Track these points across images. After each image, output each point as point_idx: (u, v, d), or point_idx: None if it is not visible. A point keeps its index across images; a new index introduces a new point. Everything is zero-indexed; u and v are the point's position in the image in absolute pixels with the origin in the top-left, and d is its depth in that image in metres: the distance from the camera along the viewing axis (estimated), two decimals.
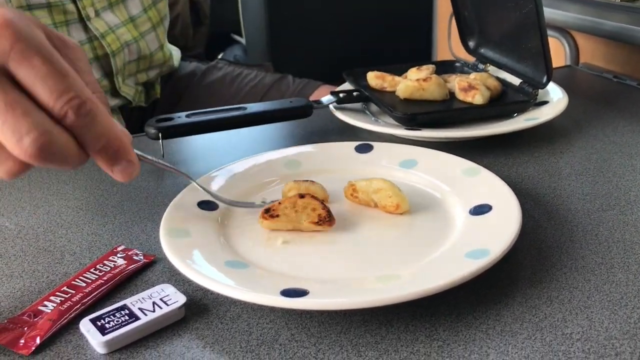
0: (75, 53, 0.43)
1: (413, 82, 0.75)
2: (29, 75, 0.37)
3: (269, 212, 0.49)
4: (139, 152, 0.46)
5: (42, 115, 0.37)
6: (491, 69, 0.83)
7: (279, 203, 0.49)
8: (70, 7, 0.86)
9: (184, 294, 0.44)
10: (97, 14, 0.90)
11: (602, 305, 0.43)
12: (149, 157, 0.48)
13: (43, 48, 0.38)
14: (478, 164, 0.58)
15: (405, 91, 0.75)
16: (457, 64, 0.88)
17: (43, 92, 0.37)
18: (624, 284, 0.45)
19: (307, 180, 0.55)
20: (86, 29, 0.89)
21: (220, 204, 0.54)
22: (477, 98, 0.72)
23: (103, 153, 0.41)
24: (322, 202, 0.51)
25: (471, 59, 0.87)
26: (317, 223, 0.49)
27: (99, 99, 0.42)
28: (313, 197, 0.51)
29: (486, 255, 0.43)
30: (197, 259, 0.46)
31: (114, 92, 0.96)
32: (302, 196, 0.50)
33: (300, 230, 0.50)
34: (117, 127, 0.42)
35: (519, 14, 0.71)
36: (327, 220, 0.50)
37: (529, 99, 0.72)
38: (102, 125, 0.40)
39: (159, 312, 0.42)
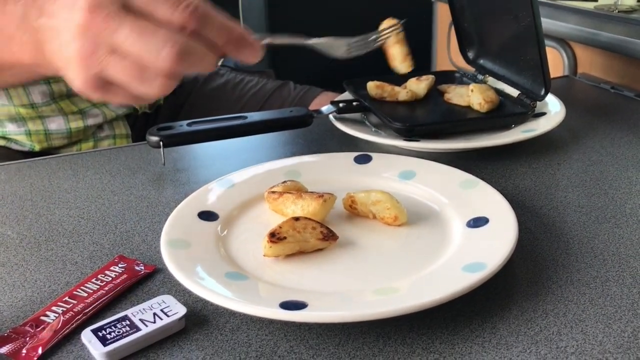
0: None
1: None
2: (144, 1, 0.43)
3: (275, 236, 0.48)
4: (257, 35, 0.49)
5: (166, 29, 0.43)
6: (490, 80, 0.83)
7: (280, 227, 0.49)
8: None
9: (184, 304, 0.44)
10: None
11: (597, 318, 0.43)
12: (265, 37, 0.51)
13: None
14: (476, 175, 0.59)
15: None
16: (457, 75, 0.89)
17: (161, 10, 0.43)
18: (619, 298, 0.45)
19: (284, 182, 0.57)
20: None
21: (220, 214, 0.55)
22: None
23: (229, 44, 0.46)
24: (318, 222, 0.51)
25: (470, 67, 0.87)
26: (322, 239, 0.50)
27: None
28: (307, 218, 0.51)
29: (483, 269, 0.44)
30: (198, 270, 0.46)
31: None
32: (296, 219, 0.50)
33: (303, 252, 0.50)
34: (230, 20, 0.47)
35: (518, 26, 0.72)
36: (331, 235, 0.50)
37: (527, 111, 0.73)
38: (219, 21, 0.46)
39: (159, 323, 0.42)
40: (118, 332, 0.42)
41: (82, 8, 0.43)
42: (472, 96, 0.76)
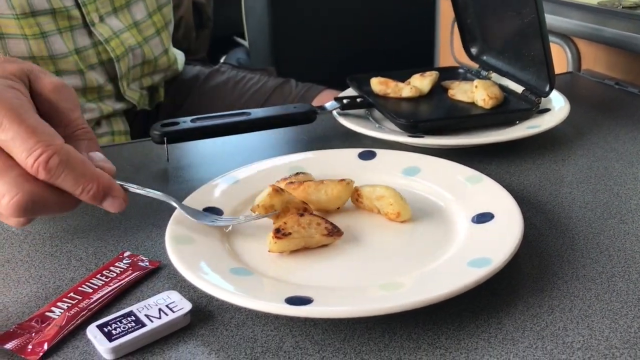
0: (60, 93, 0.47)
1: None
2: (2, 138, 0.42)
3: (280, 232, 0.48)
4: (122, 183, 0.49)
5: (17, 173, 0.42)
6: (494, 76, 0.83)
7: (285, 223, 0.49)
8: (75, 12, 0.87)
9: (189, 300, 0.44)
10: (101, 19, 0.90)
11: (603, 314, 0.43)
12: (133, 186, 0.50)
13: (11, 109, 0.42)
14: (480, 171, 0.59)
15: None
16: (461, 71, 0.89)
17: (16, 152, 0.42)
18: (625, 293, 0.45)
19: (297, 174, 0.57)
20: (90, 34, 0.90)
21: (224, 210, 0.55)
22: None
23: (84, 195, 0.45)
24: (323, 217, 0.51)
25: (474, 64, 0.87)
26: (327, 235, 0.49)
27: (82, 135, 0.47)
28: (312, 213, 0.51)
29: (488, 264, 0.44)
30: (203, 266, 0.46)
31: (119, 96, 0.97)
32: (301, 215, 0.50)
33: (308, 248, 0.50)
34: (93, 169, 0.45)
35: (522, 22, 0.72)
36: (335, 231, 0.50)
37: (531, 107, 0.72)
38: (76, 172, 0.43)
39: (164, 319, 0.42)
40: (123, 327, 0.42)
41: None
42: (476, 92, 0.76)
